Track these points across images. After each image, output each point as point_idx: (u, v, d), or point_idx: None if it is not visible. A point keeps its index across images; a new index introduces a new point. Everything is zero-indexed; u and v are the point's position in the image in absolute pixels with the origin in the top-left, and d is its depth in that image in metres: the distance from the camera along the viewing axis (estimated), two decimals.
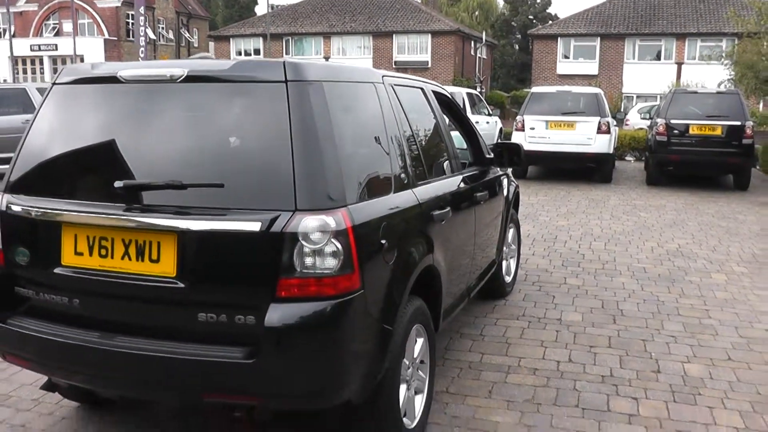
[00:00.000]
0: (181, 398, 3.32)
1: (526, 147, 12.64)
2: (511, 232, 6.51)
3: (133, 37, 49.16)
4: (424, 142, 4.31)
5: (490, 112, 20.45)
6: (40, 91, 15.46)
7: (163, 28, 38.32)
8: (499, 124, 20.92)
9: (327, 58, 43.93)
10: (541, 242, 9.10)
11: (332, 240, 2.92)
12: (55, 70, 48.08)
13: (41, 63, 48.56)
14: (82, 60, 45.83)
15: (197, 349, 2.97)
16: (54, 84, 3.56)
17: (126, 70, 3.32)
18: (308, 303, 2.93)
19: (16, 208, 3.38)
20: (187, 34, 46.04)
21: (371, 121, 3.59)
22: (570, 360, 5.07)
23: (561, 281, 7.20)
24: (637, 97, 38.68)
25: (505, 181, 6.11)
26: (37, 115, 3.52)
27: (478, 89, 37.03)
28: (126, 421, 4.10)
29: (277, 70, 3.10)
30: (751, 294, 6.91)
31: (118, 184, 3.08)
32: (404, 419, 3.56)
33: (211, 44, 54.17)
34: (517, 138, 14.82)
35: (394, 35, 45.49)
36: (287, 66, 3.10)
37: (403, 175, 3.73)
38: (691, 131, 14.23)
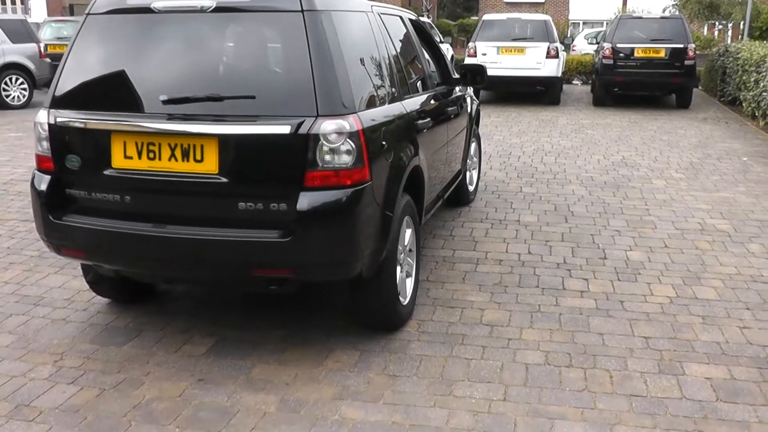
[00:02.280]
0: (233, 274, 3.91)
1: None
2: (473, 146, 7.22)
3: None
4: (406, 62, 4.96)
5: (442, 40, 20.94)
6: None
7: None
8: (451, 51, 21.44)
9: None
10: (497, 158, 9.83)
11: (348, 140, 3.58)
12: None
13: None
14: None
15: (241, 233, 3.64)
16: (88, 14, 4.08)
17: (159, 1, 3.87)
18: (330, 191, 3.61)
19: (63, 120, 3.93)
20: None
21: (367, 44, 4.22)
22: (529, 252, 5.84)
23: (517, 190, 7.97)
24: (584, 23, 39.26)
25: (468, 100, 6.78)
26: (74, 40, 4.04)
27: (426, 18, 37.21)
28: (156, 311, 4.72)
29: (294, 2, 3.70)
30: (687, 195, 7.78)
31: (162, 97, 3.69)
32: (399, 297, 4.28)
33: None
34: None
35: None
36: None
37: (393, 90, 4.38)
38: (636, 54, 15.06)
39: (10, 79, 15.50)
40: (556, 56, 15.43)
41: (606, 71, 15.22)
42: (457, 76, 6.20)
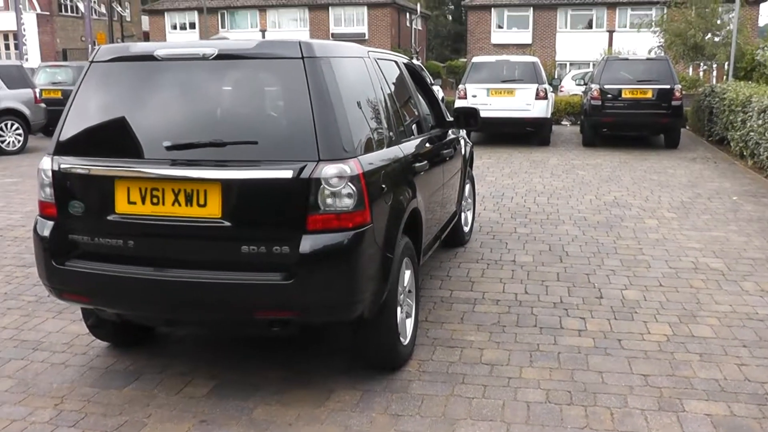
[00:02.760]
0: (236, 316, 3.94)
1: None
2: (467, 187, 7.30)
3: (65, 11, 48.31)
4: (402, 106, 5.05)
5: (432, 82, 21.19)
6: None
7: (95, 2, 37.89)
8: (441, 93, 21.69)
9: (263, 32, 43.99)
10: (490, 199, 9.92)
11: (349, 183, 3.65)
12: None
13: None
14: (15, 36, 44.90)
15: (244, 275, 3.69)
16: (92, 62, 4.16)
17: (161, 49, 3.97)
18: (332, 234, 3.67)
19: (67, 167, 3.99)
20: (119, 8, 45.43)
21: (365, 89, 4.32)
22: (526, 292, 5.89)
23: (511, 230, 8.04)
24: (570, 64, 39.96)
25: (462, 142, 6.88)
26: (78, 88, 4.12)
27: (416, 60, 37.71)
28: (155, 354, 4.72)
29: (294, 49, 3.81)
30: (679, 234, 7.86)
31: (166, 143, 3.76)
32: (399, 337, 4.31)
33: (145, 18, 53.58)
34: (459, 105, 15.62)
35: (330, 7, 45.81)
36: (302, 45, 3.83)
37: (391, 133, 4.46)
38: (623, 95, 15.32)
39: (6, 125, 15.57)
40: (545, 97, 15.65)
41: (595, 112, 15.44)
42: (450, 118, 6.29)
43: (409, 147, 4.76)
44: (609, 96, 15.33)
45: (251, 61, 3.92)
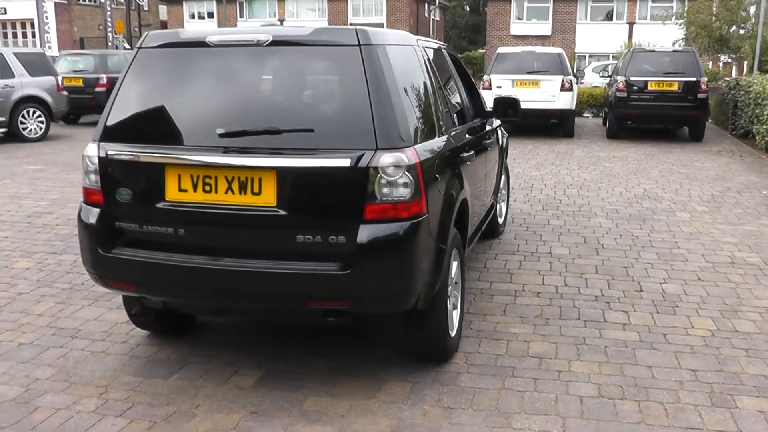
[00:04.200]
0: (291, 306, 3.89)
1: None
2: (503, 178, 7.23)
3: (82, 0, 48.35)
4: (449, 95, 4.98)
5: None
6: (18, 56, 15.60)
7: None
8: None
9: (282, 21, 43.88)
10: (519, 190, 9.84)
11: (406, 173, 3.58)
12: (4, 35, 47.17)
13: None
14: (32, 25, 45.08)
15: (299, 265, 3.63)
16: (140, 48, 4.10)
17: (213, 36, 3.91)
18: (389, 224, 3.61)
19: (115, 153, 3.93)
20: None
21: (417, 77, 4.24)
22: (566, 284, 5.82)
23: (545, 222, 7.96)
24: (590, 56, 39.69)
25: (499, 132, 6.80)
26: (125, 74, 4.05)
27: None
28: (198, 343, 4.69)
29: (351, 36, 3.74)
30: (712, 228, 7.77)
31: (219, 130, 3.69)
32: (449, 329, 4.25)
33: (163, 7, 53.58)
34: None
35: None
36: (359, 32, 3.76)
37: (441, 122, 4.39)
38: (649, 87, 15.19)
39: (28, 112, 15.58)
40: (570, 89, 15.53)
41: (620, 104, 15.30)
42: (489, 109, 6.22)
43: (457, 136, 4.69)
44: (635, 88, 15.20)
45: (306, 48, 3.85)
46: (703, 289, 5.76)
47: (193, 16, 48.31)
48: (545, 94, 15.34)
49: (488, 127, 6.11)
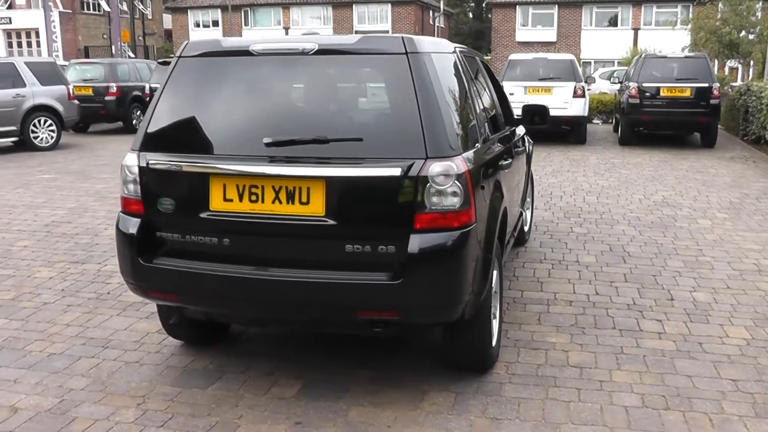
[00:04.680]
0: (338, 317, 3.84)
1: None
2: (529, 186, 7.20)
3: (87, 9, 48.42)
4: (486, 103, 4.95)
5: None
6: (29, 65, 15.61)
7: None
8: None
9: (287, 30, 43.94)
10: (539, 198, 9.80)
11: (455, 181, 3.55)
12: (9, 44, 47.24)
13: None
14: (37, 34, 45.16)
15: (348, 275, 3.59)
16: (179, 57, 4.08)
17: (257, 44, 3.88)
18: (439, 233, 3.57)
19: (156, 163, 3.89)
20: (141, 6, 45.53)
21: (459, 85, 4.22)
22: (597, 293, 5.78)
23: (568, 230, 7.93)
24: (595, 62, 39.66)
25: (526, 139, 6.78)
26: (166, 83, 4.03)
27: None
28: (234, 353, 4.64)
29: (397, 44, 3.72)
30: (735, 235, 7.73)
31: (266, 140, 3.64)
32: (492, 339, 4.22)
33: (167, 16, 53.71)
34: None
35: (354, 5, 45.60)
36: (405, 40, 3.73)
37: (482, 130, 4.37)
38: (661, 93, 15.16)
39: (39, 121, 15.58)
40: (583, 95, 15.51)
41: (632, 110, 15.28)
42: (517, 116, 6.20)
43: (496, 145, 4.66)
44: (647, 94, 15.18)
45: (353, 56, 3.82)
46: (733, 297, 5.72)
47: (198, 25, 48.39)
48: (558, 101, 15.30)
49: (518, 135, 6.08)
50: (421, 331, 4.72)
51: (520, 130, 6.48)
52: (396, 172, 3.52)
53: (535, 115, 6.19)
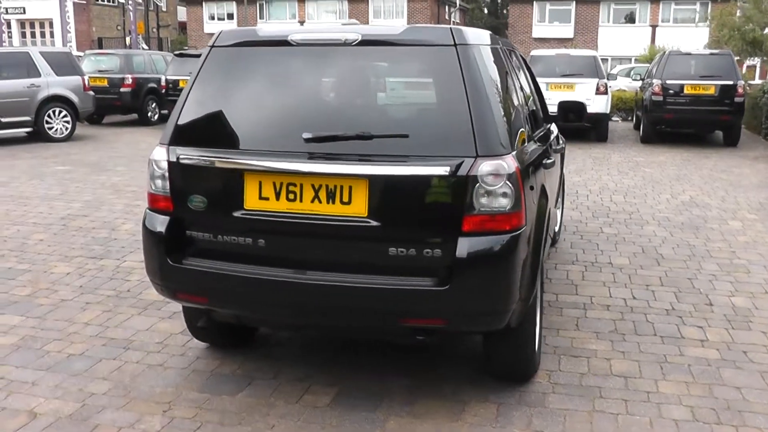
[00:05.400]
0: (379, 323, 3.63)
1: None
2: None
3: (101, 0, 48.35)
4: (529, 99, 4.74)
5: None
6: (44, 55, 15.47)
7: None
8: None
9: (302, 23, 43.72)
10: (566, 197, 9.59)
11: (506, 182, 3.34)
12: (23, 34, 47.17)
13: (9, 26, 47.45)
14: (51, 24, 45.11)
15: (391, 280, 3.38)
16: (213, 47, 3.86)
17: (296, 34, 3.66)
18: (489, 236, 3.36)
19: (187, 158, 3.68)
20: None
21: (505, 80, 4.00)
22: (633, 297, 5.59)
23: (598, 231, 7.73)
24: (612, 59, 39.30)
25: (560, 137, 6.57)
26: (197, 74, 3.81)
27: None
28: (262, 358, 4.45)
29: (446, 35, 3.50)
30: (767, 237, 7.50)
31: (305, 135, 3.42)
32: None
33: (181, 8, 53.56)
34: None
35: None
36: (454, 31, 3.52)
37: (528, 127, 4.16)
38: (685, 91, 14.88)
39: (53, 112, 15.45)
40: (605, 92, 15.27)
41: (656, 108, 15.03)
42: (553, 113, 5.99)
43: (540, 142, 4.46)
44: (670, 92, 14.92)
45: (398, 48, 3.60)
46: None
47: (212, 17, 48.23)
48: (580, 98, 15.05)
49: (553, 132, 5.89)
50: (459, 338, 4.53)
51: (554, 127, 6.28)
52: (444, 170, 3.31)
53: (571, 111, 6.00)
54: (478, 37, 3.70)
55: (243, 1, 41.45)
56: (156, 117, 19.92)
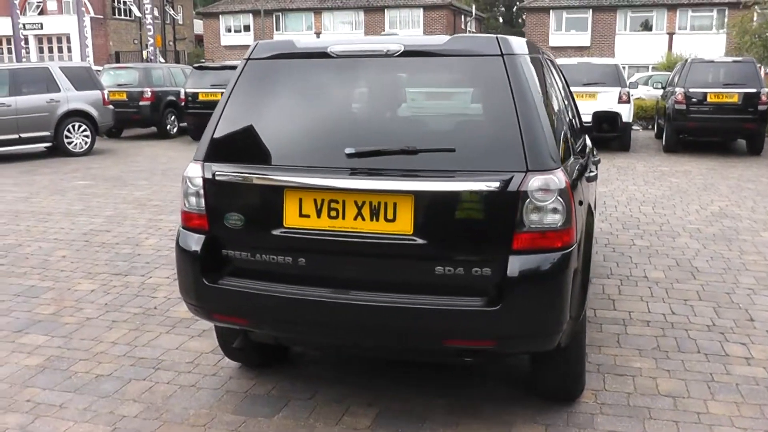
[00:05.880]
0: (425, 345, 3.51)
1: None
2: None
3: (118, 15, 48.69)
4: (570, 111, 4.62)
5: None
6: (63, 69, 15.51)
7: (148, 4, 38.14)
8: None
9: (318, 35, 43.78)
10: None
11: (558, 197, 3.21)
12: (40, 49, 47.56)
13: (26, 42, 47.78)
14: (68, 40, 45.44)
15: (438, 300, 3.25)
16: (249, 59, 3.74)
17: (336, 46, 3.56)
18: (541, 254, 3.23)
19: (224, 174, 3.55)
20: (171, 12, 45.73)
21: (550, 91, 3.89)
22: (673, 312, 5.44)
23: (629, 243, 7.57)
24: (630, 67, 39.07)
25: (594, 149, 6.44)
26: (233, 88, 3.69)
27: None
28: (297, 377, 4.33)
29: (492, 45, 3.39)
30: None
31: (348, 150, 3.30)
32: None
33: (197, 21, 53.85)
34: None
35: (385, 10, 45.29)
36: (500, 41, 3.40)
37: (572, 139, 4.04)
38: (708, 99, 14.72)
39: (73, 126, 15.46)
40: (628, 101, 15.15)
41: (679, 116, 14.87)
42: (587, 123, 5.86)
43: (581, 154, 4.34)
44: (693, 100, 14.77)
45: (442, 58, 3.49)
46: None
47: (229, 30, 48.43)
48: (603, 107, 14.88)
49: (589, 144, 5.76)
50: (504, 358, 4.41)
51: (587, 138, 6.15)
52: (494, 186, 3.19)
53: (605, 122, 5.86)
54: (523, 46, 3.58)
55: (260, 13, 41.55)
56: (175, 130, 19.93)
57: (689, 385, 4.21)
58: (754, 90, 14.64)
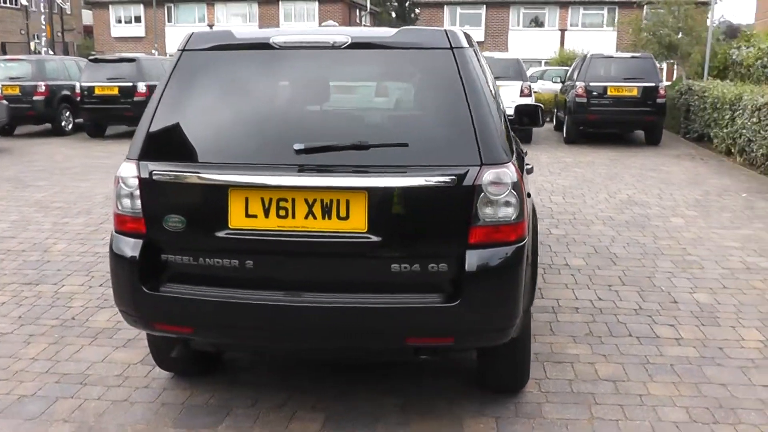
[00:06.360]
0: (384, 345, 3.41)
1: None
2: None
3: (3, 3, 46.37)
4: (501, 104, 4.61)
5: None
6: None
7: None
8: None
9: (211, 27, 42.86)
10: None
11: (511, 191, 3.18)
12: None
13: None
14: None
15: (396, 298, 3.18)
16: (183, 50, 3.53)
17: (279, 36, 3.40)
18: (496, 248, 3.20)
19: (162, 174, 3.34)
20: (59, 1, 43.78)
21: (490, 84, 3.85)
22: (599, 298, 5.56)
23: (546, 232, 7.70)
24: (523, 62, 39.98)
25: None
26: (167, 81, 3.48)
27: None
28: (233, 384, 4.16)
29: (441, 38, 3.33)
30: (711, 233, 7.69)
31: (297, 146, 3.16)
32: None
33: (86, 12, 51.88)
34: None
35: (280, 2, 44.62)
36: (449, 34, 3.36)
37: (511, 133, 4.02)
38: (609, 92, 15.24)
39: None
40: (530, 95, 15.49)
41: (579, 109, 15.32)
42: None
43: (519, 148, 4.35)
44: (594, 94, 15.25)
45: (391, 51, 3.40)
46: (733, 297, 5.61)
47: (119, 21, 46.90)
48: (505, 100, 15.08)
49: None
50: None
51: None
52: (449, 180, 3.14)
53: (526, 116, 5.92)
54: (467, 39, 3.55)
55: (151, 4, 40.37)
56: (70, 126, 18.84)
57: (627, 368, 4.31)
58: (653, 84, 15.26)
